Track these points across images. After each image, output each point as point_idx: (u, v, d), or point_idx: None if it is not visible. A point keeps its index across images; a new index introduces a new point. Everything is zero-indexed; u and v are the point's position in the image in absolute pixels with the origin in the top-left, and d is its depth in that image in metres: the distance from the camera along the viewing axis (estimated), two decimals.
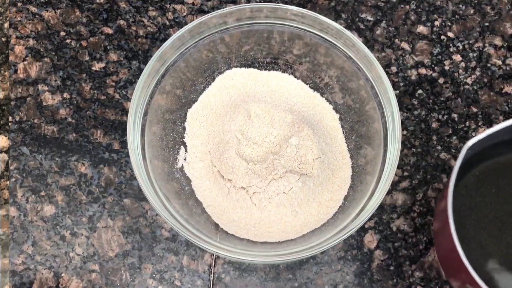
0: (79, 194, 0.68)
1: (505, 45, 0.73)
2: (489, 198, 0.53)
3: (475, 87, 0.72)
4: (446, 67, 0.72)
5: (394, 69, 0.72)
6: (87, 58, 0.73)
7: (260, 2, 0.75)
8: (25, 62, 0.73)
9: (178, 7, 0.74)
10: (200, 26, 0.64)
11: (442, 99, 0.71)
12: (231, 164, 0.65)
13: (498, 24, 0.74)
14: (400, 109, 0.69)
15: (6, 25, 0.74)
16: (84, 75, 0.72)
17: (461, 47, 0.73)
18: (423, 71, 0.72)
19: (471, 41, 0.74)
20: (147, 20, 0.74)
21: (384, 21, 0.74)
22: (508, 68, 0.72)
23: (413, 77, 0.72)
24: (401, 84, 0.72)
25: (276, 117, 0.66)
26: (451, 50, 0.73)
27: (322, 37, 0.65)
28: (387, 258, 0.66)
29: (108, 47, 0.73)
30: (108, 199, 0.67)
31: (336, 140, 0.67)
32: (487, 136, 0.49)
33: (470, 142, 0.48)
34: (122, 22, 0.74)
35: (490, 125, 0.70)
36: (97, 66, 0.72)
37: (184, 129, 0.68)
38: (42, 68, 0.72)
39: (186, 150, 0.67)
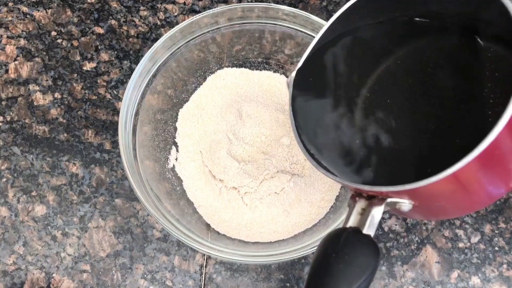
0: (71, 194, 0.68)
1: None
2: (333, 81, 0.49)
3: None
4: None
5: None
6: (78, 58, 0.72)
7: (252, 2, 0.75)
8: (16, 62, 0.72)
9: (169, 6, 0.74)
10: (192, 26, 0.63)
11: None
12: (222, 164, 0.65)
13: None
14: None
15: None
16: (75, 75, 0.72)
17: None
18: None
19: None
20: (138, 20, 0.74)
21: None
22: None
23: None
24: None
25: (267, 117, 0.66)
26: None
27: (314, 37, 0.65)
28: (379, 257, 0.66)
29: (99, 47, 0.73)
30: (100, 199, 0.67)
31: None
32: (308, 60, 0.47)
33: (293, 74, 0.46)
34: (113, 22, 0.74)
35: None
36: (88, 66, 0.72)
37: (175, 129, 0.68)
38: (33, 68, 0.72)
39: (177, 150, 0.67)
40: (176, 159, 0.67)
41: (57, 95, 0.71)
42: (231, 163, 0.65)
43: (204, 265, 0.65)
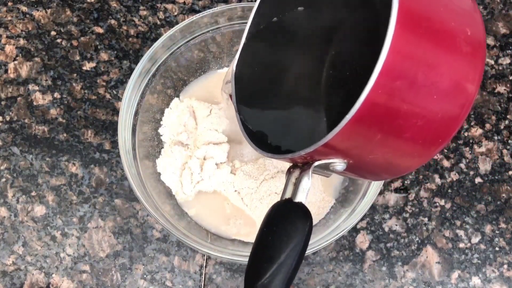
0: (70, 194, 0.67)
1: (497, 45, 0.73)
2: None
3: None
4: None
5: None
6: (77, 57, 0.72)
7: (252, 1, 0.75)
8: (16, 62, 0.72)
9: (169, 6, 0.74)
10: (191, 25, 0.63)
11: None
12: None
13: (490, 23, 0.74)
14: None
15: None
16: (75, 74, 0.72)
17: None
18: None
19: None
20: (138, 19, 0.74)
21: None
22: (500, 68, 0.72)
23: None
24: None
25: None
26: None
27: None
28: (379, 258, 0.66)
29: (99, 47, 0.73)
30: (99, 199, 0.67)
31: None
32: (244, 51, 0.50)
33: (234, 66, 0.50)
34: (113, 21, 0.74)
35: (482, 125, 0.70)
36: (88, 65, 0.72)
37: None
38: (33, 67, 0.72)
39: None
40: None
41: (56, 95, 0.71)
42: (231, 163, 0.65)
43: (204, 265, 0.65)
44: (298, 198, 0.43)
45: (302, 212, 0.42)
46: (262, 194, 0.64)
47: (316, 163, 0.42)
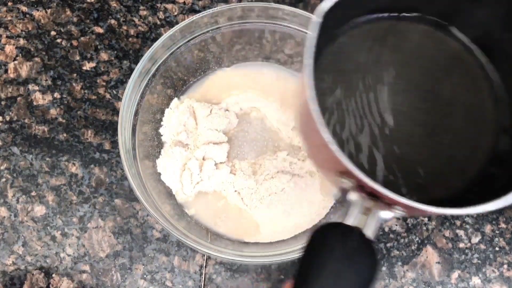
0: (70, 194, 0.67)
1: None
2: (348, 76, 0.44)
3: None
4: None
5: None
6: (77, 57, 0.72)
7: (252, 1, 0.75)
8: (16, 62, 0.72)
9: (169, 6, 0.74)
10: (191, 25, 0.63)
11: None
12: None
13: None
14: None
15: None
16: (75, 74, 0.72)
17: None
18: None
19: None
20: (138, 19, 0.74)
21: None
22: None
23: None
24: None
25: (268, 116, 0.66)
26: None
27: None
28: (379, 258, 0.66)
29: (99, 47, 0.73)
30: (99, 199, 0.67)
31: None
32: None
33: (325, 7, 0.37)
34: (113, 21, 0.74)
35: None
36: (88, 65, 0.72)
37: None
38: (33, 67, 0.72)
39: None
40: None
41: (56, 95, 0.71)
42: (231, 163, 0.65)
43: (204, 265, 0.65)
44: (370, 234, 0.39)
45: (376, 256, 0.39)
46: (262, 194, 0.64)
47: (394, 207, 0.38)
